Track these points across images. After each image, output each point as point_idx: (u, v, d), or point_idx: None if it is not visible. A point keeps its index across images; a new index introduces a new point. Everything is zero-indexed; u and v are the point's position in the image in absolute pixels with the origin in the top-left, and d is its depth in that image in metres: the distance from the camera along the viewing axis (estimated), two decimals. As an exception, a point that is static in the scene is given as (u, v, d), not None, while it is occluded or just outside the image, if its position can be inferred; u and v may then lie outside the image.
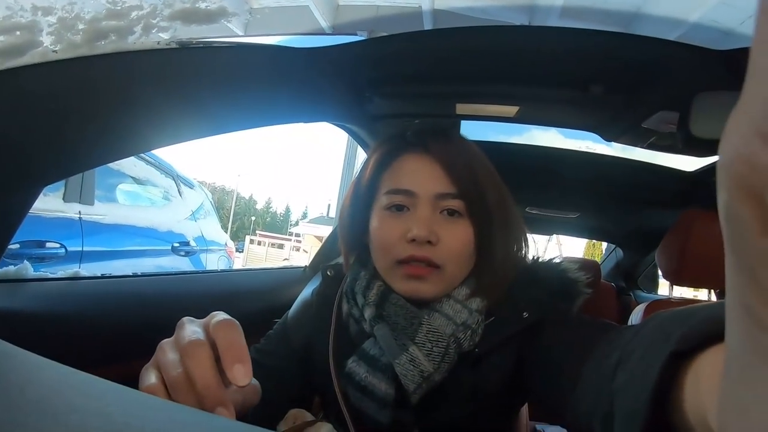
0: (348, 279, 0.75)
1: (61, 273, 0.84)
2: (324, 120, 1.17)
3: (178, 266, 3.31)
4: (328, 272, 0.81)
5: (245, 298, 1.23)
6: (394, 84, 1.18)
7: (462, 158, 0.70)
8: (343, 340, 0.73)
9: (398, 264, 0.67)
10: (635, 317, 1.55)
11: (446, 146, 0.70)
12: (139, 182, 3.31)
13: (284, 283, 1.39)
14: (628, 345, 0.37)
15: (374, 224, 0.71)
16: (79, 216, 2.43)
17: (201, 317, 0.44)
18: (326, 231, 1.72)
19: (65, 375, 0.25)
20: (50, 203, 2.27)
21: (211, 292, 1.13)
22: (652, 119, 1.15)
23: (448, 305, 0.67)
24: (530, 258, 0.75)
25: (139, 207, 3.24)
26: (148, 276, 1.00)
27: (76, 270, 0.85)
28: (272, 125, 0.94)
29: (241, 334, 0.41)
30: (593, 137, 1.41)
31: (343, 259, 0.80)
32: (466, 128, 1.38)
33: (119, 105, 0.60)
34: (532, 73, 1.08)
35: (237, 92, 0.79)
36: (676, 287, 1.57)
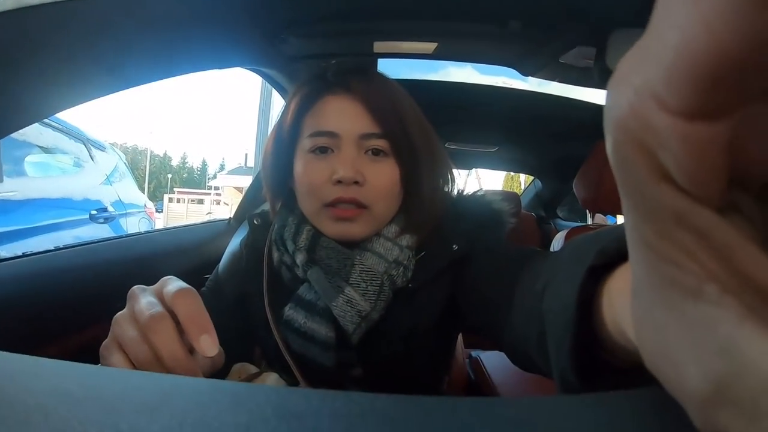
0: (276, 226, 0.74)
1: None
2: (237, 65, 1.11)
3: (99, 235, 3.11)
4: (255, 221, 0.79)
5: (173, 258, 1.19)
6: (310, 23, 1.13)
7: (385, 97, 0.68)
8: (278, 289, 0.72)
9: (325, 207, 0.66)
10: (557, 244, 1.64)
11: (368, 85, 0.69)
12: (48, 151, 3.07)
13: (211, 238, 1.37)
14: (553, 267, 0.38)
15: (299, 168, 0.69)
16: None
17: (133, 284, 0.42)
18: (246, 181, 1.67)
19: (7, 360, 0.24)
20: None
21: (138, 256, 1.08)
22: (570, 54, 1.17)
23: (379, 243, 0.68)
24: (456, 192, 0.77)
25: (51, 178, 3.01)
26: (71, 247, 0.93)
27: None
28: (182, 74, 0.88)
29: (201, 302, 0.39)
30: (508, 73, 1.44)
31: (270, 207, 0.78)
32: (382, 67, 1.36)
33: (12, 69, 0.55)
34: (451, 9, 1.07)
35: (140, 41, 0.73)
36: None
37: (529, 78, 1.45)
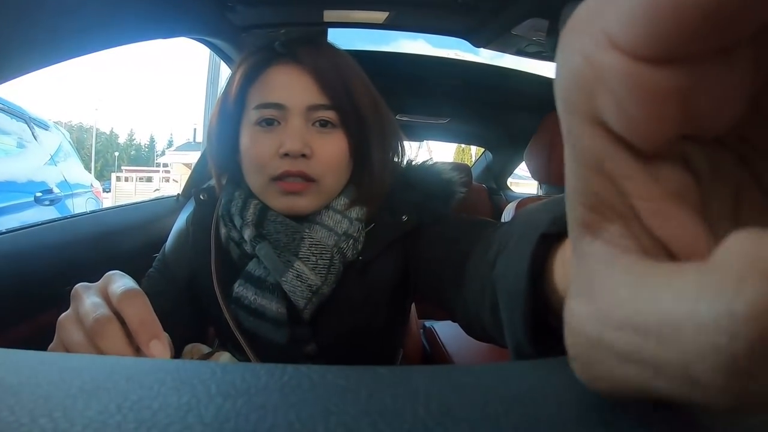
0: (222, 201, 0.72)
1: None
2: (183, 35, 1.07)
3: (45, 217, 2.95)
4: (201, 196, 0.76)
5: (121, 236, 1.15)
6: (258, -10, 1.09)
7: (333, 67, 0.67)
8: (227, 265, 0.70)
9: (273, 181, 0.65)
10: (507, 214, 1.67)
11: (317, 56, 0.67)
12: None
13: (159, 215, 1.33)
14: (505, 235, 0.39)
15: (244, 142, 0.67)
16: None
17: (80, 267, 0.40)
18: (195, 157, 1.62)
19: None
20: None
21: (86, 237, 1.03)
22: (522, 26, 1.18)
23: (328, 216, 0.67)
24: (405, 163, 0.76)
25: None
26: (12, 231, 0.88)
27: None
28: (124, 44, 0.84)
29: (148, 303, 0.38)
30: (461, 46, 1.44)
31: (215, 181, 0.76)
32: (333, 38, 1.33)
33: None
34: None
35: (78, 8, 0.68)
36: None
37: (482, 53, 1.46)
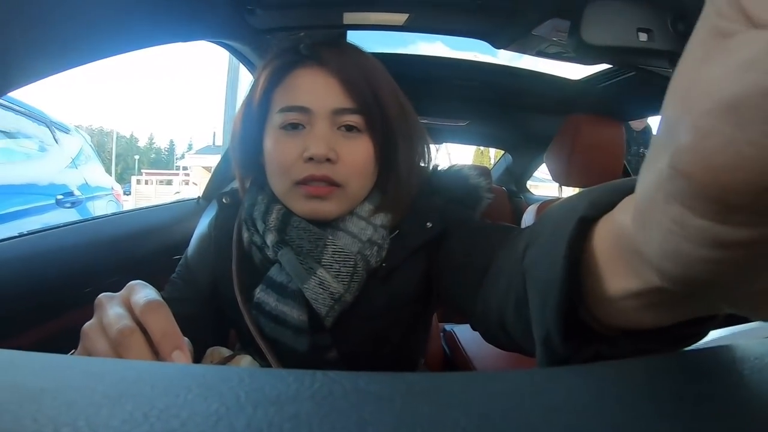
0: (246, 205, 0.71)
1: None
2: (202, 38, 1.07)
3: (66, 220, 3.00)
4: (224, 200, 0.76)
5: (141, 239, 1.16)
6: (277, -7, 1.09)
7: (359, 70, 0.66)
8: (249, 270, 0.70)
9: (297, 185, 0.64)
10: (528, 217, 1.66)
11: (342, 58, 0.66)
12: (10, 136, 2.94)
13: (179, 218, 1.33)
14: (533, 232, 0.38)
15: (269, 145, 0.66)
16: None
17: (100, 268, 0.41)
18: (214, 161, 1.64)
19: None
20: None
21: (106, 239, 1.04)
22: (543, 26, 1.16)
23: (352, 223, 0.66)
24: (431, 167, 0.75)
25: (15, 163, 2.90)
26: (36, 233, 0.89)
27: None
28: (144, 48, 0.84)
29: (170, 315, 0.39)
30: (480, 48, 1.42)
31: (239, 185, 0.75)
32: (350, 40, 1.33)
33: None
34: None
35: (99, 12, 0.69)
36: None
37: (500, 55, 1.44)
